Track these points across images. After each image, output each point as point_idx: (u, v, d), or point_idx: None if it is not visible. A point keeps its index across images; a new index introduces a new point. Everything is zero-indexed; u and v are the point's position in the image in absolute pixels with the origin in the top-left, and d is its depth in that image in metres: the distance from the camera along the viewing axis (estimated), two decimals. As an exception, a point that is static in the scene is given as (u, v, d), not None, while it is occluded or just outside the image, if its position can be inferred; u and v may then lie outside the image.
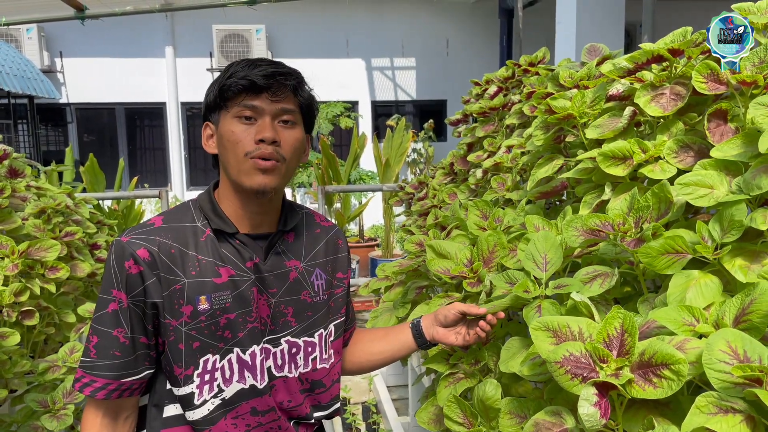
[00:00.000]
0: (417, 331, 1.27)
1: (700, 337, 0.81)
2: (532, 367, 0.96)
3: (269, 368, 1.16)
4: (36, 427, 1.92)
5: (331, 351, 1.24)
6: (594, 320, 0.89)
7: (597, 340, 0.80)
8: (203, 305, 1.07)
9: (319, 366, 1.22)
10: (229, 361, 1.11)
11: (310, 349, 1.20)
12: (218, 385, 1.11)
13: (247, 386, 1.13)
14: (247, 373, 1.12)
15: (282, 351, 1.17)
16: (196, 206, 1.15)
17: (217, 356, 1.10)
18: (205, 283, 1.08)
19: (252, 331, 1.12)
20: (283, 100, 1.08)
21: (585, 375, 0.78)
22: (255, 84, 1.05)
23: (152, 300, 1.06)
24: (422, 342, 1.27)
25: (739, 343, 0.72)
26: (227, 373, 1.11)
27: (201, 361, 1.09)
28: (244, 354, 1.12)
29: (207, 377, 1.10)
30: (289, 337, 1.18)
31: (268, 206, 1.15)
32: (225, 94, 1.07)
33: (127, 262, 1.05)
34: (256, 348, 1.13)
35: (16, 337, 1.95)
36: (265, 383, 1.14)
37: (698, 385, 0.84)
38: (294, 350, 1.18)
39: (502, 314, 1.17)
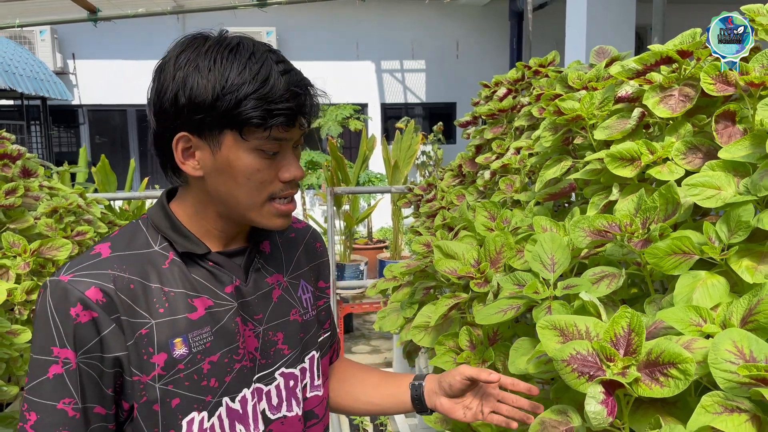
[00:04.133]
0: (417, 395, 1.05)
1: (707, 337, 0.81)
2: (538, 365, 0.96)
3: (263, 412, 0.96)
4: (47, 423, 1.94)
5: (322, 375, 1.08)
6: (601, 320, 0.90)
7: (604, 339, 0.81)
8: (180, 350, 0.86)
9: (310, 394, 1.04)
10: (219, 417, 0.90)
11: (305, 377, 1.03)
12: None
13: None
14: (239, 426, 0.92)
15: (278, 387, 0.98)
16: (148, 226, 0.93)
17: (204, 414, 0.88)
18: (178, 321, 0.87)
19: (240, 372, 0.92)
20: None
21: (592, 373, 0.78)
22: (297, 117, 0.85)
23: (112, 354, 0.84)
24: (422, 408, 1.06)
25: (746, 343, 0.72)
26: None
27: (184, 423, 0.87)
28: (234, 402, 0.91)
29: None
30: (283, 369, 0.99)
31: None
32: (247, 119, 0.82)
33: (74, 308, 0.81)
34: (246, 392, 0.93)
35: (27, 335, 1.97)
36: None
37: (707, 386, 0.84)
38: (292, 383, 1.00)
39: (536, 389, 0.95)
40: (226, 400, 0.90)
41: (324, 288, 1.11)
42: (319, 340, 1.07)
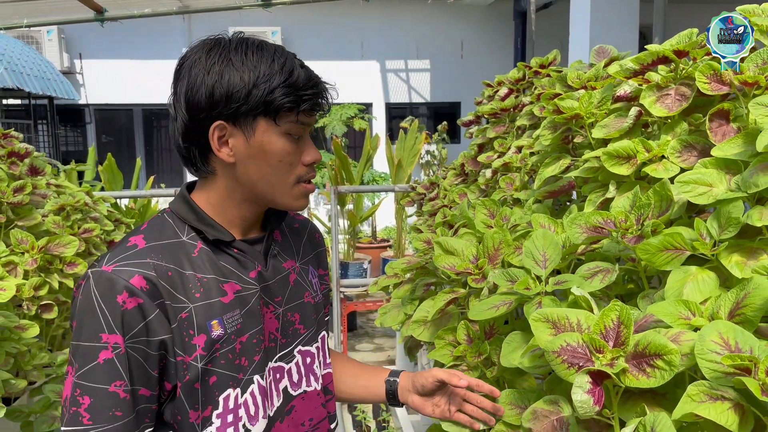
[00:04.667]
0: (391, 390, 1.16)
1: (696, 330, 0.83)
2: (532, 358, 0.98)
3: (285, 389, 1.05)
4: (53, 417, 1.98)
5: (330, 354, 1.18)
6: (593, 313, 0.92)
7: (594, 331, 0.83)
8: (217, 331, 0.93)
9: (324, 371, 1.13)
10: (252, 393, 0.97)
11: (309, 360, 1.10)
12: (243, 425, 0.96)
13: (267, 419, 1.00)
14: (267, 403, 1.00)
15: (297, 364, 1.07)
16: (174, 219, 0.99)
17: (238, 390, 0.96)
18: (213, 304, 0.94)
19: (265, 352, 1.00)
20: None
21: (581, 364, 0.80)
22: (318, 102, 0.96)
23: (158, 338, 0.89)
24: (395, 402, 1.16)
25: (731, 335, 0.74)
26: (252, 409, 0.97)
27: (221, 399, 0.94)
28: (263, 380, 0.99)
29: (230, 418, 0.95)
30: (300, 347, 1.08)
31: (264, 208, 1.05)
32: (280, 106, 0.92)
33: (120, 296, 0.86)
34: (273, 364, 1.03)
35: (35, 330, 2.01)
36: (275, 408, 1.02)
37: (699, 380, 0.86)
38: (309, 360, 1.09)
39: (498, 392, 1.04)
40: (257, 377, 0.98)
41: (324, 275, 1.20)
42: (326, 320, 1.17)
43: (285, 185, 0.98)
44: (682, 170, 1.17)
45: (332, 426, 1.15)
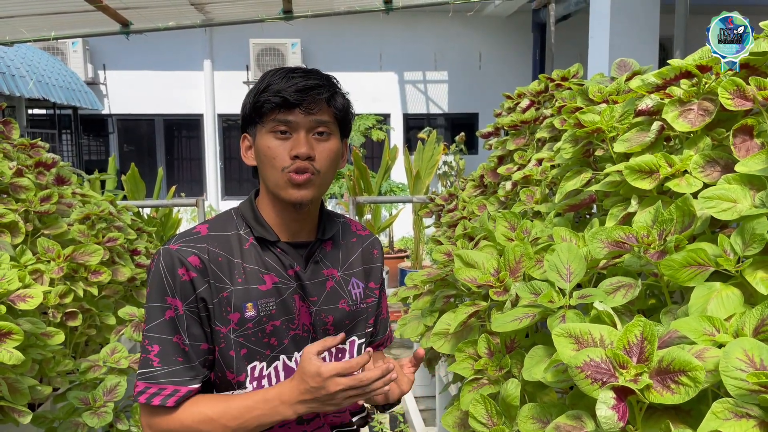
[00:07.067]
0: None
1: (720, 346, 0.83)
2: (555, 373, 0.99)
3: None
4: (77, 423, 2.00)
5: None
6: (616, 329, 0.92)
7: (617, 346, 0.83)
8: (250, 312, 1.10)
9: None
10: (276, 368, 1.14)
11: (340, 355, 1.22)
12: None
13: None
14: None
15: (324, 358, 1.18)
16: (238, 215, 1.18)
17: (264, 363, 1.13)
18: (251, 290, 1.11)
19: (294, 338, 1.15)
20: (317, 113, 1.09)
21: (605, 380, 0.80)
22: (287, 100, 1.07)
23: (206, 306, 1.09)
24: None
25: (756, 352, 0.74)
26: (274, 381, 1.13)
27: (249, 368, 1.12)
28: (290, 361, 1.15)
29: (256, 384, 1.13)
30: None
31: (306, 215, 1.17)
32: (259, 110, 1.10)
33: (180, 269, 1.07)
34: (299, 355, 1.15)
35: (60, 337, 2.04)
36: None
37: (723, 396, 0.85)
38: (340, 356, 1.22)
39: (421, 350, 1.16)
40: (283, 357, 1.14)
41: (373, 288, 1.28)
42: (366, 330, 1.27)
43: (274, 177, 1.10)
44: (705, 185, 1.17)
45: (353, 419, 1.27)
